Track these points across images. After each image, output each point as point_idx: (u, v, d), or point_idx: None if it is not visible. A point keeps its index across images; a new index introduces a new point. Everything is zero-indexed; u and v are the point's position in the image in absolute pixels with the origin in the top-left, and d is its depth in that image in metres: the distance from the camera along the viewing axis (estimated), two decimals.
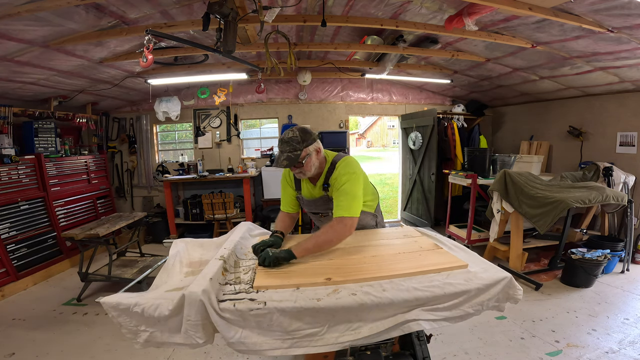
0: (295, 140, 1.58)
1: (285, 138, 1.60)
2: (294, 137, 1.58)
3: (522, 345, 2.41)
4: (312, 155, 1.63)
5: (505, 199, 3.53)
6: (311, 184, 1.78)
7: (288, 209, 1.88)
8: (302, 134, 1.60)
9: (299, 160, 1.58)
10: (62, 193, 4.21)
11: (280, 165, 1.59)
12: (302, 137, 1.59)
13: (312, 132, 1.66)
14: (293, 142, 1.57)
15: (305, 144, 1.59)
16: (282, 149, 1.60)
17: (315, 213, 1.88)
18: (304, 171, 1.64)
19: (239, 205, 5.27)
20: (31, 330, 2.77)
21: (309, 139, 1.61)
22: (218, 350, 2.42)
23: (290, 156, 1.57)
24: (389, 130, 26.81)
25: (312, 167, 1.65)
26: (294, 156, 1.57)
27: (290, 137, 1.59)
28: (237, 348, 1.08)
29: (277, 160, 1.61)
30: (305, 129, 1.65)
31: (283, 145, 1.59)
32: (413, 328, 1.12)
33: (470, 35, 3.06)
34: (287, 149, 1.58)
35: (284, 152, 1.58)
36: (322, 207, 1.80)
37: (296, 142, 1.57)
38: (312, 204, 1.82)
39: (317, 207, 1.82)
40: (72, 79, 3.77)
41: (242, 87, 5.49)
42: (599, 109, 4.15)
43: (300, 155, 1.58)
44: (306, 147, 1.59)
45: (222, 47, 2.49)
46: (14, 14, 2.20)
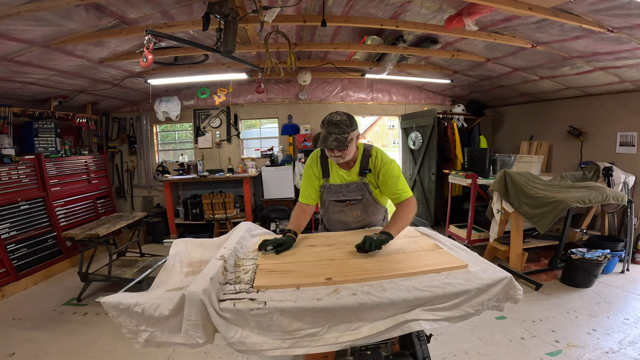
0: (345, 123, 1.61)
1: (335, 120, 1.62)
2: (343, 120, 1.62)
3: (522, 345, 2.41)
4: (354, 141, 1.68)
5: (505, 199, 3.53)
6: (344, 170, 1.81)
7: (308, 200, 1.87)
8: (349, 119, 1.64)
9: (346, 143, 1.61)
10: (62, 193, 4.21)
11: (329, 145, 1.61)
12: (349, 122, 1.63)
13: (355, 118, 1.70)
14: (342, 125, 1.60)
15: (352, 129, 1.63)
16: (329, 130, 1.61)
17: (342, 201, 1.86)
18: (345, 155, 1.68)
19: (239, 205, 5.27)
20: (31, 330, 2.77)
21: (354, 124, 1.66)
22: (218, 350, 2.42)
23: (339, 138, 1.59)
24: (389, 130, 26.78)
25: (352, 151, 1.71)
26: (343, 139, 1.60)
27: (338, 120, 1.62)
28: (237, 348, 1.08)
29: (324, 141, 1.62)
30: (350, 115, 1.68)
31: (331, 127, 1.61)
32: (413, 328, 1.12)
33: (470, 35, 3.06)
34: (336, 131, 1.60)
35: (333, 133, 1.60)
36: (355, 194, 1.82)
37: (345, 126, 1.61)
38: (343, 190, 1.82)
39: (348, 193, 1.82)
40: (72, 79, 3.77)
41: (242, 87, 5.49)
42: (599, 109, 4.15)
43: (348, 138, 1.61)
44: (352, 132, 1.64)
45: (222, 47, 2.49)
46: (14, 14, 2.20)
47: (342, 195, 1.84)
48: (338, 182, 1.82)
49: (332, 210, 1.93)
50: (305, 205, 1.87)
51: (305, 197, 1.88)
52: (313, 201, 1.88)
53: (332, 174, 1.83)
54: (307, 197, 1.87)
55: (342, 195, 1.84)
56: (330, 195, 1.86)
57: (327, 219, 2.03)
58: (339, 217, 1.95)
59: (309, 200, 1.87)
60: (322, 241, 1.69)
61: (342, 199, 1.85)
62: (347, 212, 1.89)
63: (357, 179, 1.80)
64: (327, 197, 1.88)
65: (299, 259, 1.48)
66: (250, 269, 1.41)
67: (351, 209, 1.87)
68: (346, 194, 1.83)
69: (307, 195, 1.87)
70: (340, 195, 1.84)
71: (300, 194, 1.90)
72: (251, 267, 1.44)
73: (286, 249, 1.56)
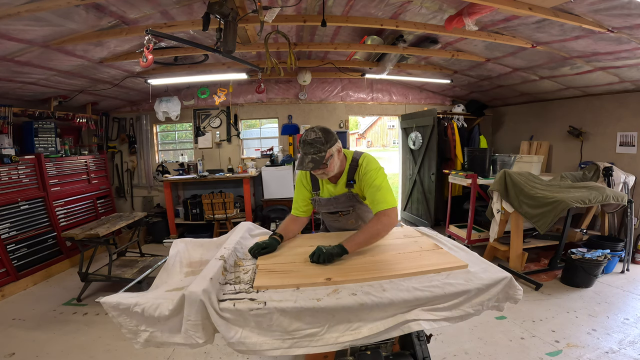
0: (319, 141, 1.54)
1: (309, 139, 1.55)
2: (318, 138, 1.54)
3: (522, 345, 2.41)
4: (335, 156, 1.60)
5: (505, 199, 3.53)
6: (331, 184, 1.78)
7: (299, 212, 1.84)
8: (325, 135, 1.56)
9: (323, 162, 1.55)
10: (62, 193, 4.21)
11: (305, 168, 1.55)
12: (325, 138, 1.55)
13: (333, 132, 1.63)
14: (317, 144, 1.53)
15: (329, 145, 1.56)
16: (305, 150, 1.55)
17: (334, 212, 1.85)
18: (327, 172, 1.62)
19: (239, 205, 5.27)
20: (31, 330, 2.77)
21: (332, 140, 1.58)
22: (218, 350, 2.42)
23: (315, 158, 1.54)
24: (389, 130, 26.81)
25: (335, 167, 1.64)
26: (319, 158, 1.54)
27: (313, 138, 1.54)
28: (237, 348, 1.08)
29: (301, 163, 1.57)
30: (327, 128, 1.61)
31: (307, 147, 1.55)
32: (413, 328, 1.12)
33: (470, 35, 3.06)
34: (311, 151, 1.54)
35: (308, 154, 1.54)
36: (344, 205, 1.79)
37: (320, 144, 1.54)
38: (332, 202, 1.80)
39: (337, 205, 1.80)
40: (72, 79, 3.77)
41: (242, 87, 5.49)
42: (599, 109, 4.15)
43: (325, 156, 1.55)
44: (329, 148, 1.56)
45: (222, 47, 2.49)
46: (14, 14, 2.20)
47: (333, 207, 1.82)
48: (327, 195, 1.80)
49: (328, 220, 1.95)
50: (297, 217, 1.85)
51: (296, 209, 1.86)
52: (304, 213, 1.85)
53: (322, 188, 1.81)
54: (297, 209, 1.85)
55: (333, 207, 1.82)
56: (322, 208, 1.86)
57: (326, 225, 2.07)
58: (335, 225, 1.96)
59: (299, 212, 1.85)
60: (322, 241, 1.69)
61: (334, 210, 1.84)
62: (342, 221, 1.89)
63: (345, 190, 1.75)
64: (319, 209, 1.88)
65: (299, 259, 1.48)
66: (250, 269, 1.42)
67: (345, 219, 1.86)
68: (336, 206, 1.81)
69: (298, 207, 1.85)
70: (331, 207, 1.83)
71: (293, 206, 1.88)
72: (251, 267, 1.44)
73: (270, 252, 1.55)
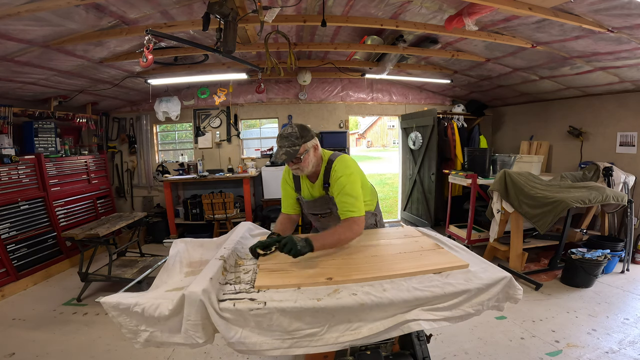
0: (294, 135, 1.60)
1: (284, 133, 1.62)
2: (293, 132, 1.61)
3: (522, 345, 2.41)
4: (310, 152, 1.65)
5: (505, 199, 3.53)
6: (310, 183, 1.79)
7: (289, 210, 1.89)
8: (301, 130, 1.63)
9: (297, 155, 1.60)
10: (62, 193, 4.21)
11: (278, 159, 1.61)
12: (300, 133, 1.62)
13: (310, 129, 1.69)
14: (292, 138, 1.60)
15: (304, 140, 1.61)
16: (280, 144, 1.62)
17: (315, 214, 1.88)
18: (302, 167, 1.66)
19: (239, 205, 5.27)
20: (31, 330, 2.77)
21: (307, 135, 1.64)
22: (218, 350, 2.42)
23: (289, 151, 1.59)
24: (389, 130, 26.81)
25: (310, 163, 1.67)
26: (293, 151, 1.59)
27: (289, 132, 1.61)
28: (237, 348, 1.08)
29: (275, 155, 1.65)
30: (304, 125, 1.68)
31: (282, 141, 1.61)
32: (413, 328, 1.12)
33: (470, 35, 3.06)
34: (285, 144, 1.60)
35: (283, 147, 1.60)
36: (322, 208, 1.81)
37: (295, 138, 1.60)
38: (312, 205, 1.83)
39: (316, 207, 1.83)
40: (72, 79, 3.77)
41: (242, 87, 5.49)
42: (599, 109, 4.15)
43: (299, 150, 1.60)
44: (304, 143, 1.62)
45: (222, 47, 2.49)
46: (14, 14, 2.20)
47: (312, 209, 1.85)
48: (307, 197, 1.83)
49: (312, 219, 1.97)
50: (288, 215, 1.88)
51: (286, 207, 1.89)
52: (294, 211, 1.89)
53: (303, 189, 1.83)
54: (287, 207, 1.89)
55: (312, 209, 1.85)
56: (305, 208, 1.89)
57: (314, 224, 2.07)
58: (320, 225, 1.97)
59: (289, 210, 1.89)
60: None
61: (315, 212, 1.87)
62: (323, 222, 1.89)
63: (322, 192, 1.76)
64: (303, 210, 1.91)
65: (299, 259, 1.47)
66: (251, 269, 1.42)
67: (326, 220, 1.87)
68: (314, 209, 1.84)
69: (288, 205, 1.89)
70: (312, 209, 1.86)
71: (282, 205, 1.91)
72: (252, 267, 1.44)
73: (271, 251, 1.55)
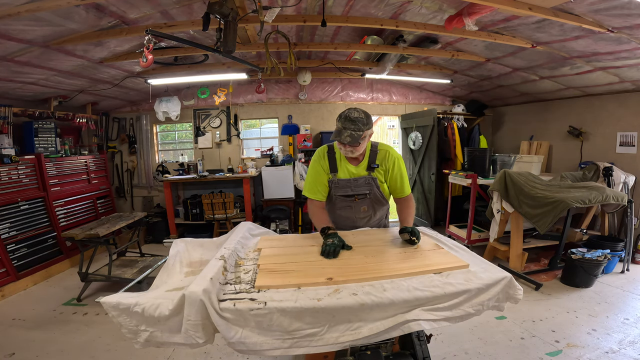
0: (362, 121, 1.65)
1: (352, 116, 1.66)
2: (360, 118, 1.66)
3: (522, 345, 2.41)
4: (367, 139, 1.74)
5: (505, 199, 3.53)
6: (352, 165, 1.85)
7: (319, 196, 1.88)
8: (367, 117, 1.69)
9: (359, 140, 1.66)
10: (62, 193, 4.21)
11: (343, 140, 1.65)
12: (366, 120, 1.68)
13: (371, 116, 1.77)
14: (359, 123, 1.65)
15: (367, 127, 1.68)
16: (346, 125, 1.65)
17: (349, 196, 1.88)
18: (355, 150, 1.73)
19: (239, 205, 5.27)
20: (31, 330, 2.76)
21: (370, 123, 1.71)
22: (218, 350, 2.42)
23: (353, 134, 1.64)
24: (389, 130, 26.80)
25: (362, 148, 1.75)
26: (357, 135, 1.65)
27: (356, 117, 1.66)
28: (237, 348, 1.08)
29: (339, 135, 1.67)
30: (368, 113, 1.72)
31: (348, 123, 1.65)
32: (413, 328, 1.12)
33: (470, 35, 3.06)
34: (352, 127, 1.64)
35: (348, 129, 1.64)
36: (362, 188, 1.86)
37: (362, 123, 1.65)
38: (351, 185, 1.85)
39: (356, 187, 1.86)
40: (72, 79, 3.77)
41: (242, 87, 5.49)
42: (599, 109, 4.15)
43: (362, 135, 1.66)
44: (367, 130, 1.68)
45: (222, 47, 2.49)
46: (14, 14, 2.20)
47: (350, 190, 1.87)
48: (346, 176, 1.85)
49: (339, 206, 1.94)
50: (319, 202, 1.89)
51: (314, 193, 1.87)
52: (323, 197, 1.89)
53: (341, 169, 1.86)
54: (316, 193, 1.87)
55: (350, 190, 1.87)
56: (338, 190, 1.88)
57: (334, 217, 2.00)
58: (345, 214, 1.95)
59: (320, 197, 1.88)
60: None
61: (350, 193, 1.88)
62: (355, 207, 1.91)
63: (365, 173, 1.84)
64: (334, 193, 1.90)
65: (300, 259, 1.48)
66: (251, 269, 1.42)
67: (358, 204, 1.90)
68: (354, 189, 1.86)
69: (317, 191, 1.87)
70: (349, 190, 1.87)
71: (310, 190, 1.88)
72: (252, 267, 1.44)
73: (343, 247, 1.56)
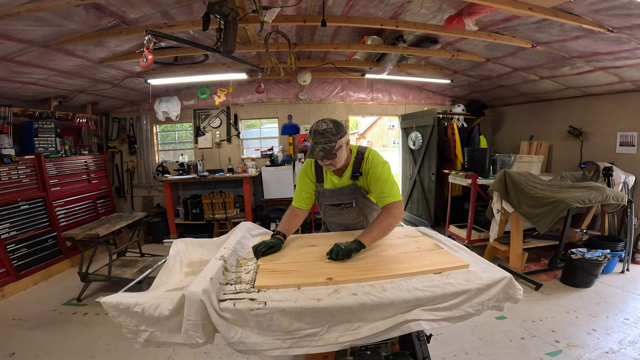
0: (330, 132, 1.59)
1: (320, 129, 1.60)
2: (329, 129, 1.59)
3: (522, 345, 2.41)
4: (344, 147, 1.66)
5: (505, 199, 3.53)
6: (336, 176, 1.80)
7: (301, 204, 1.85)
8: (336, 126, 1.62)
9: (333, 152, 1.60)
10: (62, 193, 4.21)
11: (316, 156, 1.61)
12: (336, 129, 1.61)
13: (343, 124, 1.68)
14: (328, 134, 1.58)
15: (339, 136, 1.61)
16: (316, 140, 1.60)
17: (337, 205, 1.86)
18: (335, 163, 1.66)
19: (239, 205, 5.27)
20: (31, 330, 2.76)
21: (342, 131, 1.63)
22: (218, 350, 2.42)
23: (325, 148, 1.58)
24: (389, 130, 26.78)
25: (343, 158, 1.68)
26: (329, 148, 1.58)
27: (324, 128, 1.59)
28: (237, 348, 1.08)
29: (311, 152, 1.62)
30: (337, 121, 1.66)
31: (317, 137, 1.59)
32: (413, 328, 1.12)
33: (470, 35, 3.06)
34: (322, 141, 1.59)
35: (319, 143, 1.59)
36: (348, 197, 1.81)
37: (331, 134, 1.59)
38: (336, 194, 1.82)
39: (341, 197, 1.82)
40: (72, 79, 3.77)
41: (242, 87, 5.49)
42: (599, 109, 4.15)
43: (335, 147, 1.60)
44: (339, 139, 1.61)
45: (222, 47, 2.49)
46: (14, 14, 2.20)
47: (337, 199, 1.84)
48: (331, 186, 1.82)
49: (329, 214, 1.94)
50: (298, 209, 1.85)
51: (297, 201, 1.86)
52: (305, 205, 1.86)
53: (326, 180, 1.83)
54: (299, 201, 1.86)
55: (337, 199, 1.84)
56: (325, 200, 1.87)
57: (327, 222, 2.04)
58: (336, 220, 1.95)
59: (301, 204, 1.85)
60: (324, 241, 1.69)
61: (337, 202, 1.85)
62: (344, 214, 1.89)
63: (349, 182, 1.78)
64: (322, 202, 1.89)
65: (300, 259, 1.48)
66: (252, 268, 1.42)
67: (347, 212, 1.87)
68: (340, 198, 1.83)
69: (300, 199, 1.86)
70: (335, 199, 1.84)
71: (294, 197, 1.88)
72: (252, 267, 1.44)
73: (275, 251, 1.56)
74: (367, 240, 1.49)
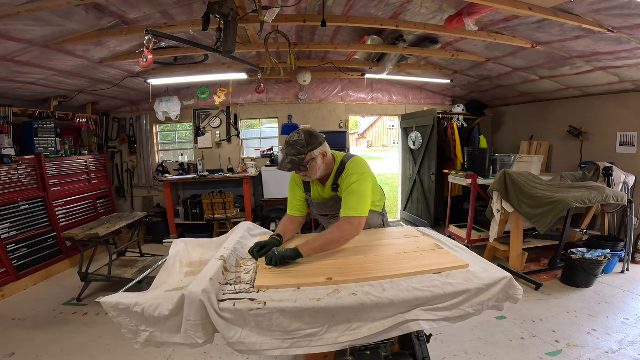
0: (300, 144, 1.55)
1: (291, 141, 1.57)
2: (299, 140, 1.56)
3: (522, 345, 2.41)
4: (318, 159, 1.60)
5: (505, 199, 3.53)
6: (321, 186, 1.77)
7: (295, 212, 1.83)
8: (308, 138, 1.57)
9: (303, 164, 1.56)
10: (62, 193, 4.21)
11: (283, 168, 1.58)
12: (307, 141, 1.56)
13: (318, 135, 1.63)
14: (298, 146, 1.55)
15: (311, 148, 1.57)
16: (287, 151, 1.58)
17: (325, 215, 1.86)
18: (309, 175, 1.63)
19: (239, 205, 5.27)
20: (31, 330, 2.77)
21: (315, 143, 1.58)
22: (218, 350, 2.42)
23: (294, 160, 1.55)
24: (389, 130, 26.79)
25: (318, 170, 1.63)
26: (298, 160, 1.55)
27: (295, 140, 1.56)
28: (237, 348, 1.08)
29: (281, 163, 1.60)
30: (312, 132, 1.61)
31: (288, 148, 1.57)
32: (413, 328, 1.12)
33: (470, 35, 3.06)
34: (292, 152, 1.56)
35: (289, 155, 1.57)
36: (332, 209, 1.78)
37: (301, 146, 1.55)
38: (322, 206, 1.80)
39: (326, 208, 1.81)
40: (72, 79, 3.77)
41: (242, 87, 5.49)
42: (599, 109, 4.15)
43: (305, 159, 1.56)
44: (311, 151, 1.57)
45: (222, 47, 2.49)
46: (14, 14, 2.20)
47: (323, 210, 1.83)
48: (317, 198, 1.81)
49: (322, 220, 1.95)
50: (293, 217, 1.83)
51: (291, 209, 1.84)
52: (300, 213, 1.84)
53: (312, 189, 1.81)
54: (293, 209, 1.84)
55: (323, 210, 1.83)
56: (314, 209, 1.87)
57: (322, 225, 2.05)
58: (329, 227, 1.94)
59: (295, 212, 1.83)
60: None
61: (324, 213, 1.85)
62: (334, 222, 1.85)
63: (332, 194, 1.74)
64: (312, 211, 1.89)
65: (300, 259, 1.47)
66: (252, 268, 1.42)
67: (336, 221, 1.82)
68: (326, 210, 1.82)
69: (294, 207, 1.84)
70: (322, 210, 1.83)
71: (288, 206, 1.87)
72: (252, 267, 1.44)
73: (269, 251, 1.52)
74: (305, 251, 1.41)
